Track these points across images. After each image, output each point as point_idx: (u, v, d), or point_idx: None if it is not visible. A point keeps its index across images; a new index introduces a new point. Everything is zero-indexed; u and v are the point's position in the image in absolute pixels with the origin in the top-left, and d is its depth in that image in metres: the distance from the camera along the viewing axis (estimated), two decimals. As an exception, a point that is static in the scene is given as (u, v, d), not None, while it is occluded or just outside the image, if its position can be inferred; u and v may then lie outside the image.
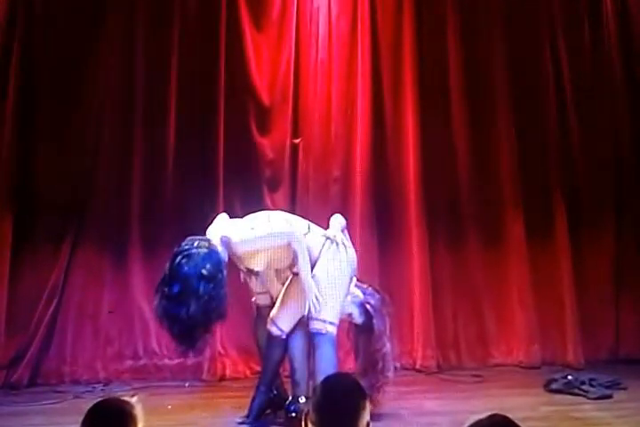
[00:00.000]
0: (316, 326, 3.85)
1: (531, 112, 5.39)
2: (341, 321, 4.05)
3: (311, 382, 3.86)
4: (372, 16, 5.30)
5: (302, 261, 3.84)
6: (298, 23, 5.24)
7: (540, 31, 5.40)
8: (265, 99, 5.21)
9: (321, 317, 3.85)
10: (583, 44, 5.45)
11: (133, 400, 2.06)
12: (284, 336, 4.00)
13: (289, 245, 3.84)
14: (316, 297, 3.83)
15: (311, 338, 3.90)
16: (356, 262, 4.06)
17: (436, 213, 5.29)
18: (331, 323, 3.86)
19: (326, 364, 3.77)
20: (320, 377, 3.70)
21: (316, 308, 3.83)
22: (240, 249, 3.81)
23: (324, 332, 3.84)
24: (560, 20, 5.42)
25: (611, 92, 5.44)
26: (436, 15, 5.36)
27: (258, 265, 3.90)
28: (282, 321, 4.00)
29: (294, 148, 5.23)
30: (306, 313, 3.93)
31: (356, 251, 4.15)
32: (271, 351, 4.06)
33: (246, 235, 3.82)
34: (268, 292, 4.12)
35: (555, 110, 5.37)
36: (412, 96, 5.27)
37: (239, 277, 5.05)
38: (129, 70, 5.14)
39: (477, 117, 5.38)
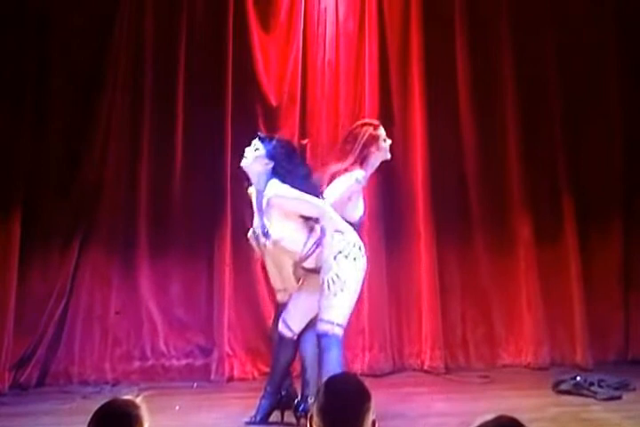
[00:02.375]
0: (323, 327, 3.83)
1: (538, 114, 5.37)
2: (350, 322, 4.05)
3: (319, 384, 3.85)
4: (380, 16, 5.29)
5: (328, 239, 3.80)
6: (305, 24, 5.24)
7: (546, 30, 5.38)
8: (272, 100, 5.21)
9: (329, 318, 3.83)
10: (589, 47, 5.42)
11: (138, 400, 2.07)
12: (295, 337, 4.00)
13: (318, 219, 3.83)
14: (333, 279, 3.79)
15: (318, 339, 3.88)
16: (365, 267, 4.02)
17: (443, 214, 5.28)
18: (338, 325, 3.84)
19: (333, 366, 3.74)
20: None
21: (330, 289, 3.78)
22: (274, 193, 3.79)
23: (330, 334, 3.81)
24: (566, 23, 5.40)
25: (619, 94, 5.42)
26: (444, 15, 5.35)
27: (274, 229, 3.82)
28: (293, 322, 4.00)
29: (302, 148, 5.23)
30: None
31: (364, 252, 4.14)
32: (281, 352, 4.06)
33: (287, 188, 3.81)
34: (287, 289, 4.12)
35: (562, 111, 5.35)
36: (420, 97, 5.27)
37: (246, 279, 5.11)
38: (137, 72, 5.15)
39: (485, 118, 5.37)
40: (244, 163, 3.92)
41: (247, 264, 5.10)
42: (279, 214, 3.82)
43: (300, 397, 3.97)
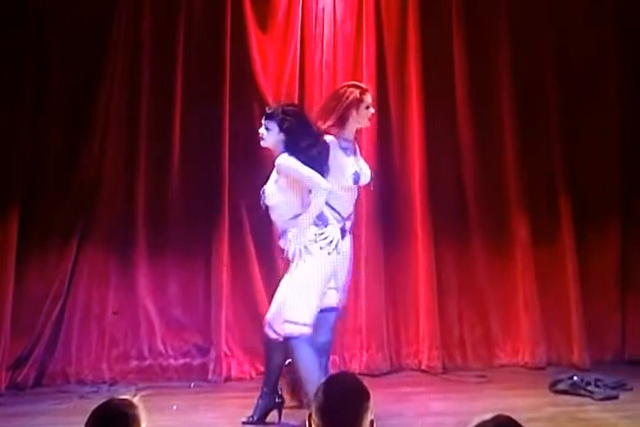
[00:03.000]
0: (289, 329, 3.82)
1: (536, 113, 5.37)
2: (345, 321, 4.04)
3: (295, 388, 3.85)
4: (377, 17, 5.29)
5: (312, 212, 3.87)
6: (303, 25, 5.22)
7: (544, 29, 5.38)
8: (270, 100, 5.19)
9: (294, 319, 3.81)
10: (588, 47, 5.42)
11: (135, 400, 2.07)
12: (280, 339, 3.96)
13: (310, 192, 3.89)
14: (301, 250, 3.84)
15: (286, 341, 3.85)
16: (334, 265, 3.99)
17: (441, 214, 5.28)
18: (304, 324, 3.82)
19: (307, 366, 3.76)
20: (305, 381, 3.72)
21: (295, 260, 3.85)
22: (280, 162, 3.91)
23: (297, 335, 3.80)
24: (564, 23, 5.40)
25: (617, 94, 5.42)
26: (441, 15, 5.35)
27: (274, 195, 3.95)
28: (277, 324, 3.96)
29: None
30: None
31: (362, 252, 4.15)
32: (271, 354, 4.05)
33: (292, 159, 3.90)
34: None
35: (560, 111, 5.35)
36: (418, 98, 5.26)
37: (243, 279, 5.11)
38: (135, 73, 5.14)
39: (483, 119, 5.36)
40: (263, 144, 4.07)
41: (245, 264, 5.10)
42: (284, 184, 3.92)
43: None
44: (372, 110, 4.18)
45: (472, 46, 5.34)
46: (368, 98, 4.15)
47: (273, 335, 3.98)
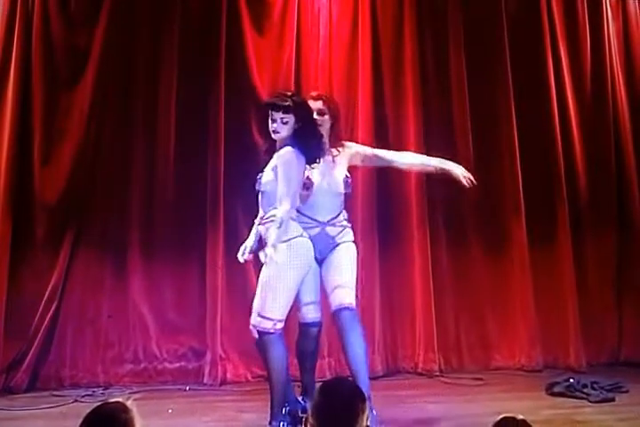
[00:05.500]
0: (263, 324, 3.76)
1: (534, 119, 5.37)
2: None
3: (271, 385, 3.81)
4: (373, 17, 5.29)
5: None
6: (299, 25, 5.23)
7: (542, 43, 5.40)
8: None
9: (269, 315, 3.75)
10: (585, 59, 5.48)
11: (129, 404, 2.06)
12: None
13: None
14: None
15: (260, 337, 3.79)
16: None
17: (438, 217, 5.28)
18: (279, 320, 3.76)
19: (277, 364, 3.74)
20: (271, 378, 3.75)
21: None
22: (283, 153, 3.82)
23: (271, 331, 3.74)
24: (563, 36, 5.45)
25: (613, 102, 5.46)
26: (438, 16, 5.36)
27: (266, 182, 3.85)
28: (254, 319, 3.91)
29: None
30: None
31: (358, 254, 4.14)
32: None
33: (295, 158, 3.80)
34: None
35: (558, 118, 5.36)
36: (414, 99, 5.27)
37: (238, 281, 5.09)
38: (129, 72, 5.13)
39: (480, 122, 5.36)
40: (277, 137, 3.87)
41: (240, 266, 5.06)
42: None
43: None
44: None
45: (469, 44, 5.35)
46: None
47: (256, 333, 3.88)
